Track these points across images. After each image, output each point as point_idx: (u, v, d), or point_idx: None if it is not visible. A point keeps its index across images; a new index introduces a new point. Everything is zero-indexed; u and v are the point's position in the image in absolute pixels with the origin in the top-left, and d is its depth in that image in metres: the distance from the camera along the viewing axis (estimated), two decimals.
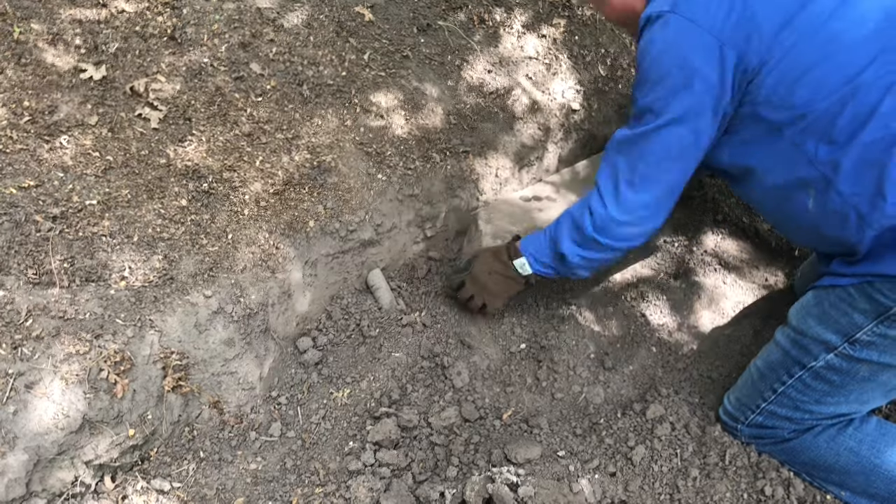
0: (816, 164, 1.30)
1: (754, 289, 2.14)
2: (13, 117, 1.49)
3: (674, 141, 1.38)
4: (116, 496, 1.34)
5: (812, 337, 1.42)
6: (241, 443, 1.51)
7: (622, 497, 1.47)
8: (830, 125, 1.25)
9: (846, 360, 1.39)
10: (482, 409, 1.64)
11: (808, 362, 1.44)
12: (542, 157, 2.19)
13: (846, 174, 1.27)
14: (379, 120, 1.89)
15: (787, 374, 1.49)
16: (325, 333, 1.72)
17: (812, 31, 1.23)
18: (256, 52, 1.83)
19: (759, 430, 1.58)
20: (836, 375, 1.42)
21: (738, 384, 1.64)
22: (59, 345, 1.28)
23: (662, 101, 1.35)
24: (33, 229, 1.38)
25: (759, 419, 1.56)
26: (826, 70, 1.23)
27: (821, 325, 1.41)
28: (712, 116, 1.35)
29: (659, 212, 1.50)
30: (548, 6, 2.36)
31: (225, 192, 1.62)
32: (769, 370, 1.53)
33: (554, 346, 1.81)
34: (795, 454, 1.56)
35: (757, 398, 1.55)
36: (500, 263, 1.70)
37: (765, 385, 1.54)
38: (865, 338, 1.35)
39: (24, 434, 1.20)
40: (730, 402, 1.63)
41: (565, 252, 1.57)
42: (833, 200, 1.31)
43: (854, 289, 1.35)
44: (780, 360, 1.50)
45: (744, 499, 1.51)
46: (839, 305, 1.38)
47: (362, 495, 1.41)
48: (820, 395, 1.46)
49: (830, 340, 1.39)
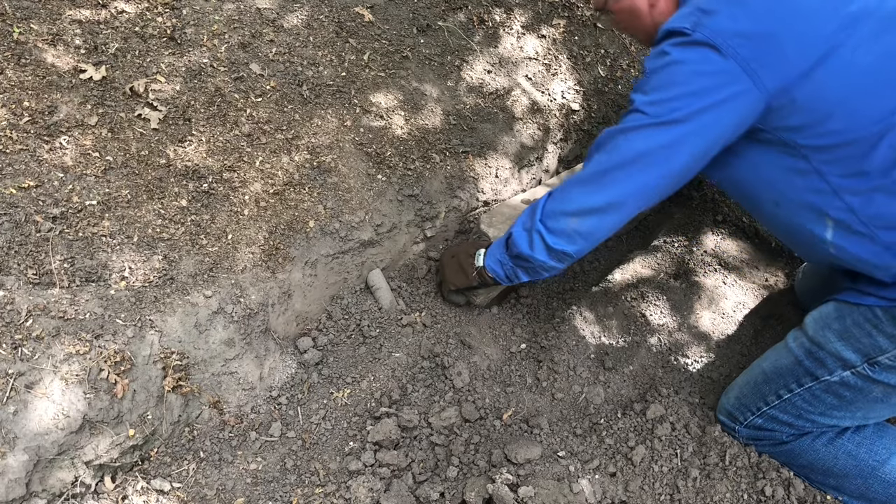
0: (841, 195, 1.25)
1: (754, 289, 2.14)
2: (13, 117, 1.49)
3: (653, 143, 1.30)
4: (116, 496, 1.34)
5: (830, 352, 1.39)
6: (241, 443, 1.50)
7: (622, 497, 1.47)
8: (863, 157, 1.20)
9: (862, 379, 1.37)
10: (482, 409, 1.64)
11: (821, 375, 1.42)
12: (541, 157, 2.19)
13: (877, 206, 1.23)
14: (379, 120, 1.89)
15: (796, 382, 1.47)
16: (325, 333, 1.72)
17: (848, 63, 1.18)
18: (256, 52, 1.83)
19: (757, 431, 1.57)
20: (849, 392, 1.40)
21: (739, 383, 1.62)
22: (59, 345, 1.28)
23: (662, 105, 1.28)
24: (33, 229, 1.38)
25: (759, 421, 1.55)
26: (863, 102, 1.19)
27: (841, 341, 1.37)
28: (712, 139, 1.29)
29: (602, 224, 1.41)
30: (548, 6, 2.36)
31: (225, 192, 1.62)
32: (777, 375, 1.50)
33: (554, 346, 1.81)
34: (793, 457, 1.55)
35: (759, 401, 1.54)
36: (465, 252, 1.70)
37: (769, 389, 1.52)
38: (887, 362, 1.32)
39: (24, 434, 1.20)
40: (729, 400, 1.62)
41: (513, 233, 1.50)
42: (857, 231, 1.27)
43: (882, 311, 1.32)
44: (791, 367, 1.47)
45: (744, 499, 1.51)
46: (863, 325, 1.34)
47: (362, 495, 1.41)
48: (827, 407, 1.45)
49: (849, 359, 1.37)
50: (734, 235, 2.30)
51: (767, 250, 2.27)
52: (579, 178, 1.41)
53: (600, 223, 1.41)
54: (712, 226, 2.32)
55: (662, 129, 1.28)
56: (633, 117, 1.32)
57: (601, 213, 1.39)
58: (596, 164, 1.38)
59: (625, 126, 1.33)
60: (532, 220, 1.47)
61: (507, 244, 1.55)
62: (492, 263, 1.61)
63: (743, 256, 2.23)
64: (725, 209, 2.36)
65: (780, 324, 2.06)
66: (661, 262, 2.17)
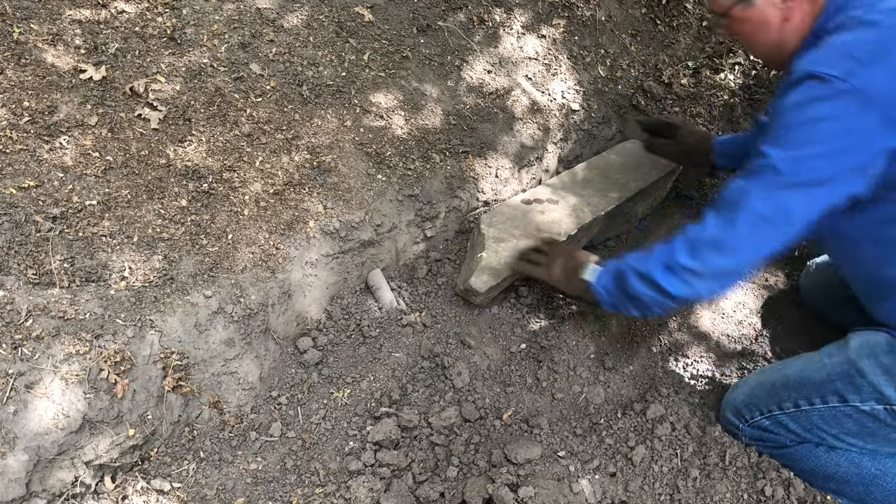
0: None
1: (754, 289, 2.14)
2: (13, 117, 1.49)
3: (791, 205, 1.24)
4: (116, 496, 1.34)
5: (870, 382, 1.36)
6: (241, 443, 1.50)
7: (622, 497, 1.47)
8: None
9: (893, 416, 1.36)
10: (482, 409, 1.64)
11: (851, 400, 1.39)
12: (541, 157, 2.19)
13: None
14: (379, 120, 1.89)
15: (820, 398, 1.44)
16: (325, 333, 1.72)
17: None
18: (256, 52, 1.83)
19: (761, 432, 1.56)
20: (874, 425, 1.39)
21: (752, 381, 1.60)
22: (59, 345, 1.28)
23: (801, 164, 1.21)
24: (33, 229, 1.38)
25: (766, 423, 1.54)
26: None
27: (886, 376, 1.35)
28: (849, 197, 1.24)
29: (731, 281, 1.38)
30: (548, 6, 2.37)
31: (225, 192, 1.62)
32: (800, 385, 1.47)
33: (554, 346, 1.81)
34: (795, 461, 1.54)
35: (772, 404, 1.51)
36: (578, 258, 1.62)
37: (787, 395, 1.49)
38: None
39: (24, 434, 1.20)
40: (737, 397, 1.59)
41: (627, 273, 1.43)
42: None
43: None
44: (819, 382, 1.44)
45: (744, 499, 1.51)
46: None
47: (362, 495, 1.41)
48: (842, 431, 1.43)
49: (889, 396, 1.35)
50: None
51: None
52: (709, 236, 1.33)
53: (729, 281, 1.38)
54: None
55: (801, 190, 1.22)
56: (767, 176, 1.25)
57: (730, 274, 1.35)
58: (728, 223, 1.30)
59: (759, 184, 1.26)
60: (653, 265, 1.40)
61: (620, 279, 1.49)
62: (600, 287, 1.54)
63: None
64: None
65: (780, 324, 2.06)
66: None
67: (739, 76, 2.68)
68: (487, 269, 1.79)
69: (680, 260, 1.34)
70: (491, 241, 1.86)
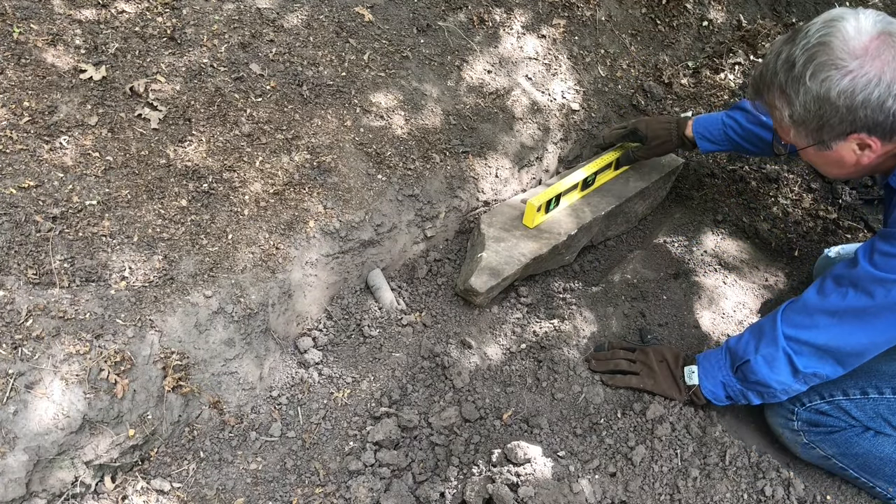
0: None
1: (754, 289, 2.14)
2: (13, 117, 1.49)
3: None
4: (116, 496, 1.34)
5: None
6: (241, 443, 1.50)
7: (622, 497, 1.47)
8: None
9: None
10: (482, 409, 1.64)
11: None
12: (541, 157, 2.19)
13: None
14: (379, 120, 1.89)
15: (890, 389, 1.44)
16: (325, 333, 1.72)
17: None
18: (256, 52, 1.83)
19: (818, 416, 1.53)
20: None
21: None
22: (59, 345, 1.28)
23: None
24: (33, 229, 1.38)
25: (826, 407, 1.51)
26: None
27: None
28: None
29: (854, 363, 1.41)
30: (548, 6, 2.37)
31: (225, 192, 1.62)
32: (869, 374, 1.47)
33: (554, 346, 1.81)
34: (848, 446, 1.52)
35: (835, 389, 1.50)
36: (674, 362, 1.66)
37: (854, 383, 1.48)
38: None
39: (24, 434, 1.20)
40: None
41: (750, 359, 1.46)
42: None
43: None
44: (892, 374, 1.45)
45: (744, 499, 1.51)
46: None
47: (362, 495, 1.41)
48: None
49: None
50: (734, 235, 2.30)
51: (767, 250, 2.27)
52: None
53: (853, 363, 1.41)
54: (712, 226, 2.32)
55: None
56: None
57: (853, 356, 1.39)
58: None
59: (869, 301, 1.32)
60: (772, 344, 1.44)
61: (738, 369, 1.50)
62: (711, 387, 1.57)
63: (743, 256, 2.23)
64: (725, 209, 2.36)
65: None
66: (661, 262, 2.17)
67: (739, 76, 2.68)
68: (487, 269, 1.79)
69: (799, 334, 1.42)
70: (491, 241, 1.86)
